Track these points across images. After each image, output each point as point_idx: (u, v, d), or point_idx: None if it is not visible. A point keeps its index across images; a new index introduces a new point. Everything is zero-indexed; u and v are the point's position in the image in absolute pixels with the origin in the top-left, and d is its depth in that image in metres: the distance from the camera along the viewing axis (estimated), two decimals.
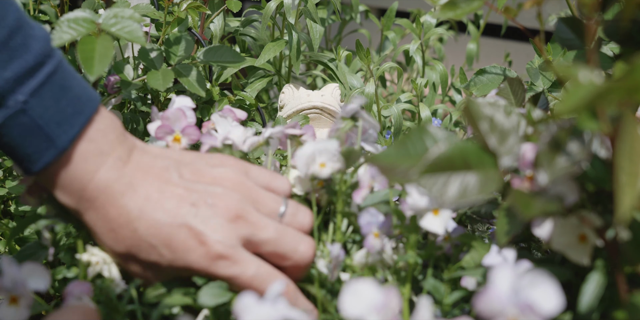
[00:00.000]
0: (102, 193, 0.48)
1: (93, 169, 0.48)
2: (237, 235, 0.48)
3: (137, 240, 0.48)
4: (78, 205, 0.49)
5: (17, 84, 0.46)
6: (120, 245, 0.48)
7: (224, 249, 0.48)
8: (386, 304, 0.38)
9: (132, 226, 0.48)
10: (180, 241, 0.48)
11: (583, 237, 0.43)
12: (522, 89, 0.54)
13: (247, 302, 0.39)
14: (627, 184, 0.34)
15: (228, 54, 0.74)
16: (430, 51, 1.37)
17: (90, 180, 0.48)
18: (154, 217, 0.48)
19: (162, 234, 0.48)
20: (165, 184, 0.49)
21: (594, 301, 0.42)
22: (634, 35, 0.48)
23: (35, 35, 0.47)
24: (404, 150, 0.43)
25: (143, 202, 0.48)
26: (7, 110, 0.45)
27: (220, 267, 0.47)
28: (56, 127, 0.47)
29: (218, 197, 0.49)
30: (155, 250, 0.48)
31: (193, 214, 0.48)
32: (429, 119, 0.94)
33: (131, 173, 0.49)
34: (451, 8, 0.50)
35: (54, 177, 0.48)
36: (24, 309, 0.46)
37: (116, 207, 0.48)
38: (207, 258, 0.47)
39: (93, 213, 0.49)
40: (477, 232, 0.59)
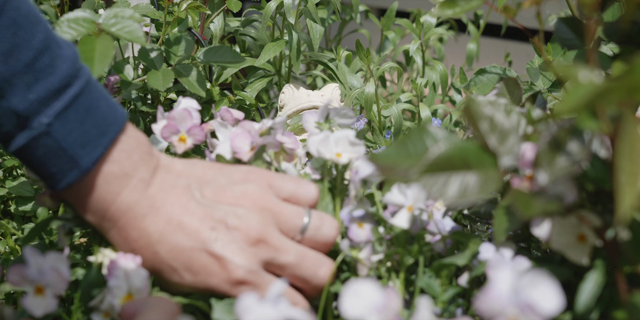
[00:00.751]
0: (124, 215, 0.48)
1: (116, 190, 0.48)
2: (258, 259, 0.48)
3: (158, 262, 0.48)
4: (101, 225, 0.49)
5: (42, 106, 0.45)
6: (143, 265, 0.49)
7: (245, 275, 0.47)
8: (386, 305, 0.38)
9: (153, 249, 0.48)
10: (201, 266, 0.48)
11: (582, 236, 0.43)
12: (519, 88, 0.54)
13: (249, 303, 0.39)
14: (627, 183, 0.34)
15: (228, 54, 0.74)
16: (430, 51, 1.37)
17: (113, 202, 0.48)
18: (175, 242, 0.48)
19: (182, 258, 0.48)
20: (186, 207, 0.49)
21: (592, 300, 0.42)
22: (634, 35, 0.48)
23: (63, 55, 0.47)
24: (404, 150, 0.43)
25: (164, 226, 0.48)
26: (31, 132, 0.45)
27: (241, 292, 0.48)
28: (80, 149, 0.47)
29: (239, 219, 0.49)
30: (176, 273, 0.48)
31: (213, 238, 0.48)
32: (429, 119, 0.95)
33: (153, 195, 0.49)
34: (450, 6, 0.50)
35: (77, 196, 0.48)
36: (51, 298, 0.46)
37: (137, 230, 0.48)
38: (228, 283, 0.48)
39: (115, 233, 0.49)
40: (477, 231, 0.59)
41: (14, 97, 0.45)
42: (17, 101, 0.45)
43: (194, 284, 0.48)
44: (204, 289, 0.48)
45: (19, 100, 0.45)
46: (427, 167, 0.42)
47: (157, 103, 0.80)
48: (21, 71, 0.45)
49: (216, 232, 0.48)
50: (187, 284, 0.48)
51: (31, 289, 0.45)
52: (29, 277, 0.45)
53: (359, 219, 0.51)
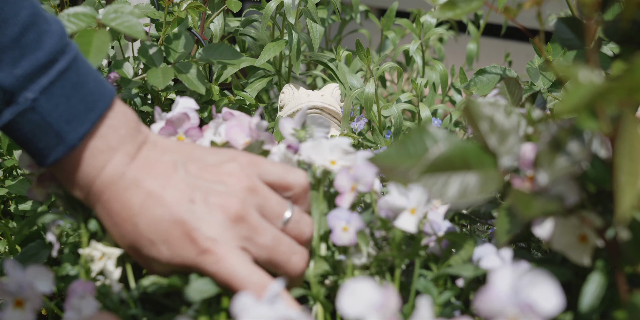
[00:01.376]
0: (107, 188, 0.49)
1: (100, 164, 0.48)
2: (234, 235, 0.48)
3: (138, 235, 0.48)
4: (87, 199, 0.50)
5: (28, 82, 0.46)
6: (124, 240, 0.49)
7: (213, 245, 0.47)
8: (384, 304, 0.38)
9: (133, 221, 0.48)
10: (176, 237, 0.47)
11: (583, 237, 0.43)
12: (519, 88, 0.54)
13: (245, 303, 0.39)
14: (627, 183, 0.34)
15: (228, 52, 0.74)
16: (430, 51, 1.37)
17: (97, 176, 0.48)
18: (154, 213, 0.48)
19: (160, 230, 0.48)
20: (169, 180, 0.49)
21: (595, 301, 0.42)
22: (634, 35, 0.48)
23: (50, 31, 0.47)
24: (404, 150, 0.43)
25: (145, 198, 0.48)
26: (17, 107, 0.46)
27: (207, 263, 0.47)
28: (65, 124, 0.47)
29: (220, 196, 0.49)
30: (154, 246, 0.48)
31: (191, 210, 0.48)
32: (429, 119, 0.95)
33: (136, 169, 0.49)
34: (451, 8, 0.50)
35: (64, 171, 0.49)
36: (30, 313, 0.45)
37: (119, 202, 0.48)
38: (199, 253, 0.47)
39: (100, 207, 0.49)
40: (477, 232, 0.59)
41: (0, 72, 0.45)
42: (3, 76, 0.45)
43: (170, 259, 0.48)
44: (180, 264, 0.48)
45: (4, 76, 0.45)
46: (427, 167, 0.42)
47: (157, 103, 0.80)
48: (7, 46, 0.45)
49: (195, 204, 0.48)
50: (164, 258, 0.48)
51: (11, 301, 0.45)
52: (7, 291, 0.45)
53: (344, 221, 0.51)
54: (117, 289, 0.50)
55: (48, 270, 0.46)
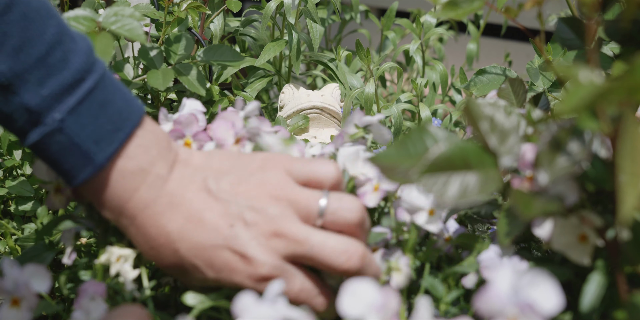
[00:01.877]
0: (142, 212, 0.48)
1: (132, 187, 0.47)
2: (279, 253, 0.47)
3: (179, 259, 0.48)
4: (119, 221, 0.48)
5: (55, 102, 0.45)
6: (163, 262, 0.48)
7: (269, 270, 0.47)
8: (385, 304, 0.38)
9: (173, 247, 0.47)
10: (223, 263, 0.47)
11: (583, 237, 0.43)
12: (524, 89, 0.54)
13: (246, 302, 0.39)
14: (628, 184, 0.34)
15: (228, 53, 0.74)
16: (430, 51, 1.37)
17: (130, 199, 0.47)
18: (195, 239, 0.47)
19: (204, 255, 0.47)
20: (205, 203, 0.48)
21: (596, 301, 0.42)
22: (634, 35, 0.48)
23: (77, 50, 0.46)
24: (404, 150, 0.43)
25: (183, 223, 0.47)
26: (44, 128, 0.45)
27: (267, 287, 0.46)
28: (93, 145, 0.46)
29: (256, 214, 0.48)
30: (198, 270, 0.47)
31: (234, 235, 0.47)
32: (429, 119, 0.95)
33: (171, 191, 0.48)
34: (452, 8, 0.50)
35: (93, 192, 0.47)
36: (26, 311, 0.45)
37: (156, 227, 0.48)
38: (253, 279, 0.47)
39: (134, 230, 0.48)
40: (478, 232, 0.59)
41: (26, 93, 0.44)
42: (30, 97, 0.44)
43: (218, 280, 0.47)
44: (229, 285, 0.47)
45: (31, 96, 0.44)
46: (427, 167, 0.42)
47: (157, 103, 0.80)
48: (33, 66, 0.44)
49: (235, 228, 0.47)
50: (211, 279, 0.47)
51: (8, 299, 0.45)
52: (4, 289, 0.45)
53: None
54: (130, 288, 0.49)
55: (45, 270, 0.46)
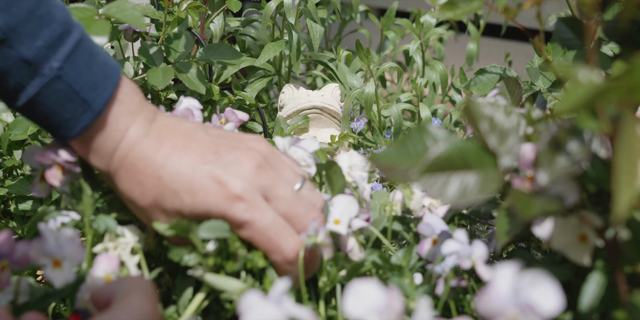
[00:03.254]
0: (132, 149, 0.50)
1: (124, 128, 0.50)
2: (258, 183, 0.49)
3: (162, 188, 0.49)
4: (109, 167, 0.50)
5: (50, 52, 0.47)
6: (146, 198, 0.49)
7: (243, 191, 0.48)
8: (389, 305, 0.38)
9: (157, 175, 0.49)
10: (201, 185, 0.48)
11: (583, 237, 0.43)
12: (519, 88, 0.54)
13: (252, 301, 0.39)
14: (625, 183, 0.34)
15: (228, 52, 0.74)
16: (430, 51, 1.37)
17: (122, 139, 0.50)
18: (178, 164, 0.49)
19: (184, 179, 0.49)
20: (191, 138, 0.51)
21: (595, 301, 0.42)
22: (634, 35, 0.48)
23: (57, 5, 0.48)
24: (404, 150, 0.43)
25: (168, 152, 0.50)
26: (43, 78, 0.47)
27: (237, 210, 0.48)
28: (91, 91, 0.48)
29: (243, 150, 0.51)
30: (178, 196, 0.49)
31: (215, 159, 0.49)
32: (429, 119, 0.95)
33: (158, 129, 0.51)
34: (451, 8, 0.50)
35: (88, 141, 0.49)
36: (69, 271, 0.46)
37: (143, 160, 0.49)
38: (225, 199, 0.48)
39: (123, 172, 0.50)
40: (477, 232, 0.59)
41: (22, 45, 0.46)
42: (25, 49, 0.46)
43: (193, 208, 0.48)
44: (203, 212, 0.48)
45: (27, 49, 0.46)
46: (427, 167, 0.42)
47: (157, 103, 0.80)
48: (25, 19, 0.46)
49: (219, 154, 0.50)
50: (187, 208, 0.48)
51: (49, 262, 0.46)
52: (47, 251, 0.46)
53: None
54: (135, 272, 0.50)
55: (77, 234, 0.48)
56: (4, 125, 0.77)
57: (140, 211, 0.50)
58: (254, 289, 0.48)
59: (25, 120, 0.70)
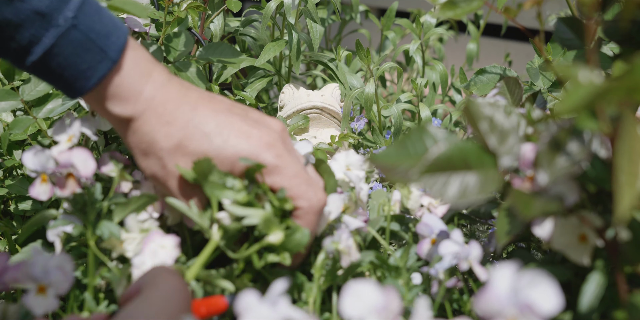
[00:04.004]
0: (159, 90, 0.50)
1: (147, 72, 0.50)
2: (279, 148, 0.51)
3: (191, 129, 0.49)
4: (134, 110, 0.50)
5: (62, 3, 0.47)
6: (171, 139, 0.50)
7: (275, 141, 0.50)
8: (386, 306, 0.38)
9: (187, 116, 0.50)
10: (233, 130, 0.50)
11: (583, 237, 0.43)
12: (519, 88, 0.54)
13: (249, 302, 0.39)
14: (626, 183, 0.34)
15: (228, 51, 0.74)
16: (430, 51, 1.37)
17: (147, 82, 0.50)
18: (209, 109, 0.50)
19: (216, 123, 0.50)
20: (213, 95, 0.53)
21: (595, 301, 0.42)
22: (634, 35, 0.48)
23: None
24: (404, 150, 0.43)
25: (197, 98, 0.51)
26: (59, 29, 0.47)
27: (270, 155, 0.50)
28: (105, 39, 0.48)
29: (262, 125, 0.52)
30: (207, 138, 0.49)
31: (243, 115, 0.52)
32: (429, 119, 0.95)
33: (180, 81, 0.52)
34: (451, 7, 0.50)
35: (108, 89, 0.49)
36: (53, 298, 0.46)
37: (173, 101, 0.50)
38: (258, 146, 0.49)
39: (150, 113, 0.50)
40: (477, 232, 0.59)
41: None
42: (38, 1, 0.46)
43: (222, 150, 0.49)
44: (231, 155, 0.49)
45: (39, 0, 0.46)
46: (427, 167, 0.42)
47: None
48: None
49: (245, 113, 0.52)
50: (214, 150, 0.49)
51: (34, 287, 0.45)
52: (33, 276, 0.45)
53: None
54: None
55: (71, 258, 0.47)
56: (4, 125, 0.76)
57: (158, 155, 0.50)
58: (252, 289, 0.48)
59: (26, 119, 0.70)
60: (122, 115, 0.50)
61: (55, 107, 0.70)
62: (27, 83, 0.68)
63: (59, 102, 0.70)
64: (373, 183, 0.77)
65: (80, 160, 0.51)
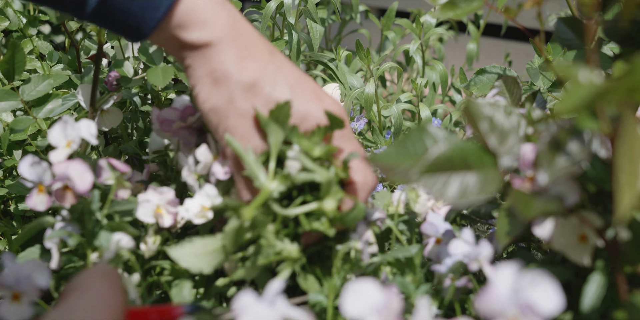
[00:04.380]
0: (236, 23, 0.50)
1: (220, 3, 0.49)
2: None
3: (270, 72, 0.49)
4: (212, 35, 0.49)
5: None
6: (248, 75, 0.49)
7: (343, 113, 0.51)
8: (387, 305, 0.38)
9: (267, 58, 0.50)
10: (306, 89, 0.50)
11: (583, 237, 0.43)
12: (518, 87, 0.54)
13: (246, 301, 0.39)
14: (626, 183, 0.34)
15: None
16: (430, 51, 1.37)
17: (222, 9, 0.49)
18: (286, 61, 0.51)
19: (293, 75, 0.50)
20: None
21: (596, 302, 0.42)
22: (634, 35, 0.48)
23: None
24: (404, 150, 0.43)
25: (270, 46, 0.51)
26: None
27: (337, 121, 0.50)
28: None
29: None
30: (283, 87, 0.49)
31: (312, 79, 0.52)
32: (429, 119, 0.94)
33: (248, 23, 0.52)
34: (451, 8, 0.50)
35: (181, 15, 0.48)
36: (27, 306, 0.45)
37: (251, 37, 0.50)
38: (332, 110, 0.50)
39: (228, 41, 0.49)
40: (477, 232, 0.59)
41: None
42: None
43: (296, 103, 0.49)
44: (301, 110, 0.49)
45: None
46: (427, 167, 0.42)
47: (157, 103, 0.80)
48: None
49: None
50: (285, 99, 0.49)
51: (8, 295, 0.45)
52: (5, 284, 0.45)
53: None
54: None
55: (45, 265, 0.46)
56: (4, 125, 0.76)
57: (229, 88, 0.49)
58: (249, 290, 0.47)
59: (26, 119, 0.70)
60: (198, 42, 0.49)
61: (55, 107, 0.70)
62: (27, 83, 0.68)
63: (59, 102, 0.70)
64: None
65: (77, 174, 0.50)
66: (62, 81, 0.73)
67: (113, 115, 0.71)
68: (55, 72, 0.81)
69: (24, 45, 0.86)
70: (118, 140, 0.80)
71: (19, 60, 0.67)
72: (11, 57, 0.67)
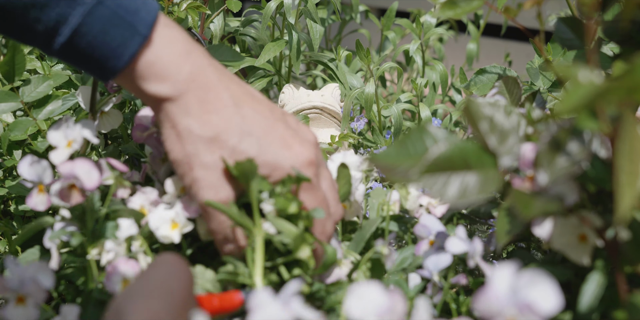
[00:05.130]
0: (200, 74, 0.49)
1: (185, 51, 0.48)
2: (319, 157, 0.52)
3: (234, 125, 0.48)
4: (173, 89, 0.48)
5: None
6: (210, 129, 0.48)
7: (316, 160, 0.50)
8: (391, 308, 0.38)
9: (230, 110, 0.48)
10: (277, 138, 0.49)
11: (583, 237, 0.43)
12: (518, 87, 0.54)
13: (261, 299, 0.39)
14: (626, 183, 0.34)
15: (228, 53, 0.74)
16: (430, 51, 1.37)
17: (185, 62, 0.48)
18: (253, 108, 0.49)
19: (262, 126, 0.49)
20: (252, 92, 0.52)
21: (594, 301, 0.42)
22: (634, 35, 0.48)
23: None
24: (404, 150, 0.43)
25: (241, 92, 0.50)
26: (85, 6, 0.46)
27: (309, 173, 0.49)
28: (134, 14, 0.47)
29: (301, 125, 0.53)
30: (250, 138, 0.48)
31: (284, 119, 0.51)
32: (429, 119, 0.95)
33: (220, 67, 0.50)
34: (451, 7, 0.50)
35: (142, 67, 0.48)
36: (33, 309, 0.45)
37: (213, 90, 0.49)
38: (300, 160, 0.49)
39: (190, 97, 0.48)
40: (477, 232, 0.59)
41: None
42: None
43: (260, 155, 0.48)
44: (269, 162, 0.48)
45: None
46: (427, 167, 0.42)
47: None
48: None
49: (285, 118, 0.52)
50: (253, 152, 0.48)
51: (13, 298, 0.45)
52: (9, 287, 0.45)
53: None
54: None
55: (48, 266, 0.46)
56: (4, 125, 0.76)
57: (193, 142, 0.48)
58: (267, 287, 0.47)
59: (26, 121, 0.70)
60: (158, 95, 0.48)
61: (55, 108, 0.70)
62: (27, 84, 0.68)
63: (59, 104, 0.70)
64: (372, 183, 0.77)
65: (84, 172, 0.50)
66: (62, 81, 0.73)
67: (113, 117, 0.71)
68: (55, 72, 0.81)
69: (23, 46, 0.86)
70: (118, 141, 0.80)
71: (19, 62, 0.67)
72: (11, 59, 0.67)
